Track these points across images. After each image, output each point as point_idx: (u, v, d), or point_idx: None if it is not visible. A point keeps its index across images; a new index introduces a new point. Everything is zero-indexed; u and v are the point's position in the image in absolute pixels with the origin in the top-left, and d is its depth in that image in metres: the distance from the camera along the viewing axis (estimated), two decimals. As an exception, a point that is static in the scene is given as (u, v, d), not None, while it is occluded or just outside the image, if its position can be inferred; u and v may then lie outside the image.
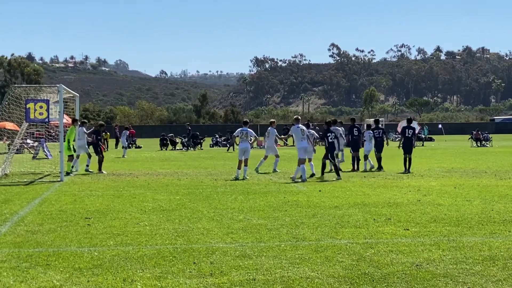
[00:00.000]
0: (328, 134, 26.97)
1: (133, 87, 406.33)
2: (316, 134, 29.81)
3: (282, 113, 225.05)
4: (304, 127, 26.78)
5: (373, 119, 36.28)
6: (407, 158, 29.42)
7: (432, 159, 40.22)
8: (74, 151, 30.78)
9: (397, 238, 12.31)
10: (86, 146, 31.47)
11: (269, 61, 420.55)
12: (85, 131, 31.90)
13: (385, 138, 30.97)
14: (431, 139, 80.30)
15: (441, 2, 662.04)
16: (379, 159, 30.69)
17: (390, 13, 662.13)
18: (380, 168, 30.30)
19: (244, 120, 29.59)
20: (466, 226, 13.65)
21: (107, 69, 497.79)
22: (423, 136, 72.32)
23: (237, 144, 31.76)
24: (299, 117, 27.78)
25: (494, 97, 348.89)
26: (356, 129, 31.30)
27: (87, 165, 30.45)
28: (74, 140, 30.82)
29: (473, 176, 26.70)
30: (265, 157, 30.45)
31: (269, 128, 30.75)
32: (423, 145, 65.93)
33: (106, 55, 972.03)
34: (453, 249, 11.18)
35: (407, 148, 29.78)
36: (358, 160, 30.84)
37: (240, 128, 27.61)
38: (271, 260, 10.36)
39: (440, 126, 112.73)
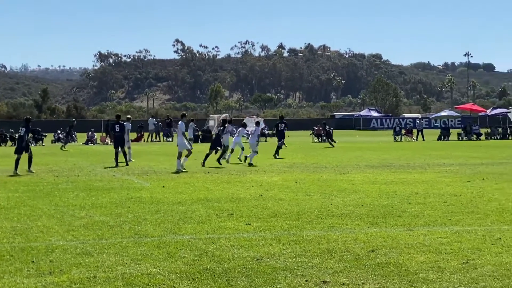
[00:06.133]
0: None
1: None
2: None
3: (126, 108, 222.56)
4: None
5: (217, 115, 36.45)
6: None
7: (274, 154, 40.77)
8: None
9: (239, 233, 12.48)
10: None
11: (113, 56, 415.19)
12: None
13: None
14: (274, 135, 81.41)
15: (284, 1, 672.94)
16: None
17: (234, 10, 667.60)
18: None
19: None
20: (306, 220, 14.01)
21: None
22: (266, 132, 73.42)
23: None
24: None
25: (335, 94, 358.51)
26: (118, 125, 32.24)
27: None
28: None
29: (313, 171, 27.37)
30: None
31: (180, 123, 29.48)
32: (266, 140, 66.95)
33: None
34: (293, 243, 11.45)
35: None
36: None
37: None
38: (112, 257, 10.29)
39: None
